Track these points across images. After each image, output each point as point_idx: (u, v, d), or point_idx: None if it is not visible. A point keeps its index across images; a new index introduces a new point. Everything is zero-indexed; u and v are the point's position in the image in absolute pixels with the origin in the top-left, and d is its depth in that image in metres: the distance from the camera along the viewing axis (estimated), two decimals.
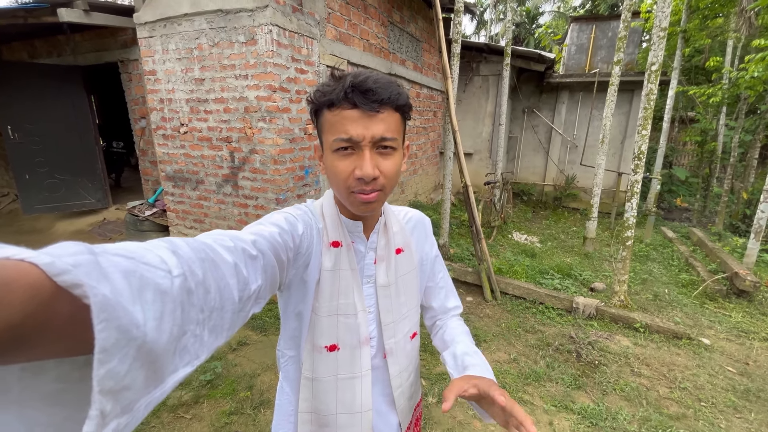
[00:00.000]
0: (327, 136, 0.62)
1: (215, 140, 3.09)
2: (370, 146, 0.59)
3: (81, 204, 4.96)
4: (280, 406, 0.82)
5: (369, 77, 0.58)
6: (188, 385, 2.25)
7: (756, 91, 4.90)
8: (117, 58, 4.23)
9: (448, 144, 3.85)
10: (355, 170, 0.60)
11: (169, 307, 0.31)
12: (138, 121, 4.41)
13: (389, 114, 0.60)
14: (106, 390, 0.25)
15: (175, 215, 3.57)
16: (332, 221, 0.71)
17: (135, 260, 0.30)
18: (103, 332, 0.24)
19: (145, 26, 3.09)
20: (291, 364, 0.78)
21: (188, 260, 0.36)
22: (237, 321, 0.44)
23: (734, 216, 6.21)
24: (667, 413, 2.18)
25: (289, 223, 0.63)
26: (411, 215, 0.85)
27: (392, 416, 0.83)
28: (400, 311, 0.78)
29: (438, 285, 0.89)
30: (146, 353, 0.28)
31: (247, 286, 0.46)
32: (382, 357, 0.79)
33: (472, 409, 2.16)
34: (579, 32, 7.25)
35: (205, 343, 0.37)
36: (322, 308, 0.70)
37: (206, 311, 0.37)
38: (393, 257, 0.76)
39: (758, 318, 3.27)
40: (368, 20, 3.98)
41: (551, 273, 3.91)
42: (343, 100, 0.58)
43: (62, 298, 0.24)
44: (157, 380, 0.31)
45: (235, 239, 0.48)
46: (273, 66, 2.70)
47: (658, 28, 2.90)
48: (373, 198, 0.62)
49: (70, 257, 0.25)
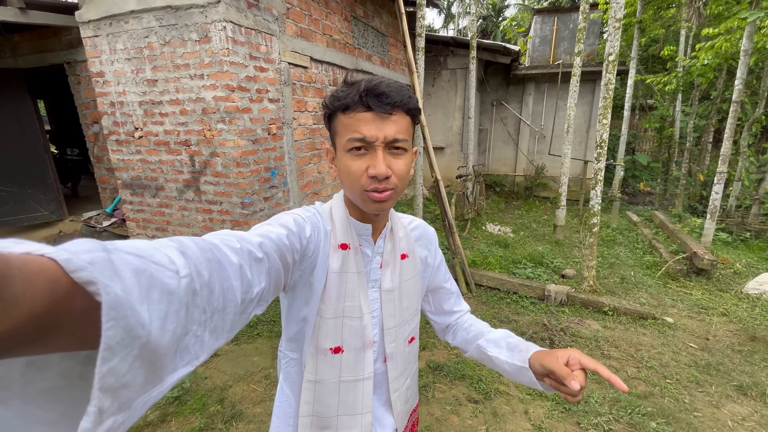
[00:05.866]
0: (341, 138, 0.65)
1: (173, 144, 2.93)
2: (383, 147, 0.62)
3: (33, 217, 4.64)
4: (280, 408, 0.82)
5: (382, 82, 0.62)
6: (154, 404, 2.13)
7: (707, 78, 5.15)
8: (62, 60, 3.96)
9: (417, 139, 3.83)
10: (369, 169, 0.62)
11: (174, 308, 0.31)
12: (90, 126, 4.15)
13: (401, 116, 0.63)
14: (106, 387, 0.25)
15: (136, 224, 3.39)
16: (342, 223, 0.72)
17: (145, 259, 0.30)
18: (110, 330, 0.25)
19: (89, 25, 2.89)
20: (293, 366, 0.79)
21: (195, 261, 0.36)
22: (238, 323, 0.44)
23: (692, 198, 6.53)
24: (635, 393, 2.26)
25: (297, 225, 0.64)
26: (416, 223, 0.87)
27: (389, 419, 0.84)
28: (402, 316, 0.80)
29: (449, 290, 0.92)
30: (148, 353, 0.28)
31: (250, 289, 0.46)
32: (382, 361, 0.80)
33: (448, 405, 2.16)
34: (542, 24, 7.39)
35: (205, 344, 0.37)
36: (328, 310, 0.71)
37: (209, 312, 0.37)
38: (398, 262, 0.78)
39: (716, 294, 3.45)
40: (330, 15, 3.89)
41: (524, 263, 3.99)
42: (357, 103, 0.61)
43: (77, 294, 0.25)
44: (156, 379, 0.31)
45: (242, 240, 0.48)
46: (229, 64, 2.59)
47: (614, 19, 2.97)
48: (386, 197, 0.64)
49: (86, 254, 0.25)
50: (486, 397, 2.23)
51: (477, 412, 2.13)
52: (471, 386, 2.32)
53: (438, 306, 0.93)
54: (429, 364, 2.51)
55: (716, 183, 3.90)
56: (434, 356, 2.60)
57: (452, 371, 2.43)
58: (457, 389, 2.30)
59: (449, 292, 0.92)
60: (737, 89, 3.74)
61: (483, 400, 2.21)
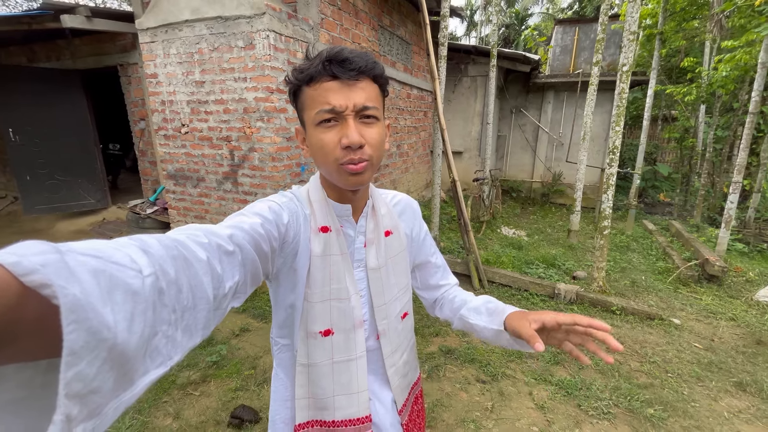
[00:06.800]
0: (309, 112, 0.62)
1: (215, 139, 3.25)
2: (354, 115, 0.61)
3: (81, 204, 5.08)
4: (276, 392, 0.83)
5: (344, 49, 0.60)
6: (195, 366, 2.41)
7: (728, 90, 5.18)
8: (116, 62, 4.38)
9: (437, 142, 4.06)
10: (342, 139, 0.60)
11: (140, 308, 0.30)
12: (137, 123, 4.55)
13: (368, 83, 0.62)
14: (73, 393, 0.24)
15: (177, 212, 3.72)
16: (320, 206, 0.71)
17: (103, 260, 0.29)
18: (72, 334, 0.24)
19: (147, 32, 3.25)
20: (285, 352, 0.80)
21: (159, 259, 0.35)
22: (213, 319, 0.43)
23: (712, 209, 6.50)
24: (636, 383, 2.40)
25: (273, 212, 0.63)
26: (399, 198, 0.86)
27: (386, 393, 0.85)
28: (391, 293, 0.79)
29: (435, 264, 0.91)
30: (117, 355, 0.27)
31: (221, 284, 0.45)
32: (375, 338, 0.80)
33: (458, 383, 2.35)
34: (563, 34, 7.52)
35: (178, 344, 0.36)
36: (315, 294, 0.70)
37: (178, 311, 0.36)
38: (382, 240, 0.77)
39: (726, 300, 3.51)
40: (359, 24, 4.17)
41: (536, 263, 4.13)
42: (322, 73, 0.59)
43: (30, 299, 0.23)
44: (127, 383, 0.30)
45: (210, 235, 0.47)
46: (270, 69, 2.88)
47: (628, 32, 3.13)
48: (362, 168, 0.62)
49: (37, 256, 0.24)
50: (493, 378, 2.42)
51: (485, 391, 2.31)
52: (480, 369, 2.50)
53: (425, 281, 0.92)
54: (441, 348, 2.71)
55: (731, 193, 3.97)
56: (446, 342, 2.80)
57: (462, 355, 2.62)
58: (467, 371, 2.49)
59: (435, 266, 0.91)
60: (754, 101, 3.81)
61: (490, 381, 2.39)
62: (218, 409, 2.07)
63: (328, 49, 0.61)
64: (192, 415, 2.04)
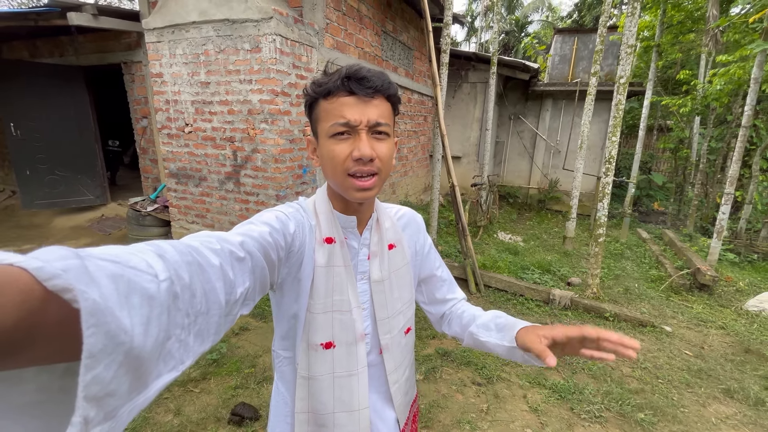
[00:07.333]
0: (323, 124, 0.65)
1: (219, 140, 3.29)
2: (366, 130, 0.64)
3: (80, 200, 5.08)
4: (276, 407, 0.82)
5: (362, 68, 0.64)
6: (195, 363, 2.44)
7: (722, 102, 5.30)
8: (120, 60, 4.40)
9: (437, 147, 4.12)
10: (353, 152, 0.63)
11: (156, 312, 0.31)
12: (139, 121, 4.58)
13: (382, 101, 0.65)
14: (91, 396, 0.25)
15: (178, 211, 3.75)
16: (326, 217, 0.72)
17: (121, 264, 0.30)
18: (91, 337, 0.24)
19: (154, 32, 3.28)
20: (286, 365, 0.79)
21: (174, 264, 0.36)
22: (224, 325, 0.44)
23: (704, 219, 6.61)
24: (627, 388, 2.46)
25: (280, 222, 0.64)
26: (403, 212, 0.86)
27: (389, 412, 0.83)
28: (394, 306, 0.79)
29: (440, 277, 0.90)
30: (132, 359, 0.28)
31: (233, 289, 0.46)
32: (377, 353, 0.79)
33: (454, 385, 2.40)
34: (562, 43, 7.63)
35: (190, 348, 0.37)
36: (317, 305, 0.70)
37: (192, 315, 0.37)
38: (386, 253, 0.77)
39: (716, 309, 3.59)
40: (363, 30, 4.23)
41: (532, 269, 4.19)
42: (340, 88, 0.63)
43: (52, 303, 0.24)
44: (141, 386, 0.31)
45: (222, 241, 0.48)
46: (276, 72, 2.93)
47: (626, 45, 3.21)
48: (370, 185, 0.65)
49: (59, 261, 0.25)
50: (489, 381, 2.46)
51: (480, 393, 2.36)
52: (476, 372, 2.55)
53: (431, 295, 0.91)
54: (438, 350, 2.76)
55: (723, 204, 4.06)
56: (443, 344, 2.84)
57: (459, 357, 2.67)
58: (463, 373, 2.54)
59: (441, 280, 0.90)
60: (747, 115, 3.91)
61: (486, 384, 2.44)
62: (218, 407, 2.10)
63: (348, 66, 0.64)
64: (192, 412, 2.06)
